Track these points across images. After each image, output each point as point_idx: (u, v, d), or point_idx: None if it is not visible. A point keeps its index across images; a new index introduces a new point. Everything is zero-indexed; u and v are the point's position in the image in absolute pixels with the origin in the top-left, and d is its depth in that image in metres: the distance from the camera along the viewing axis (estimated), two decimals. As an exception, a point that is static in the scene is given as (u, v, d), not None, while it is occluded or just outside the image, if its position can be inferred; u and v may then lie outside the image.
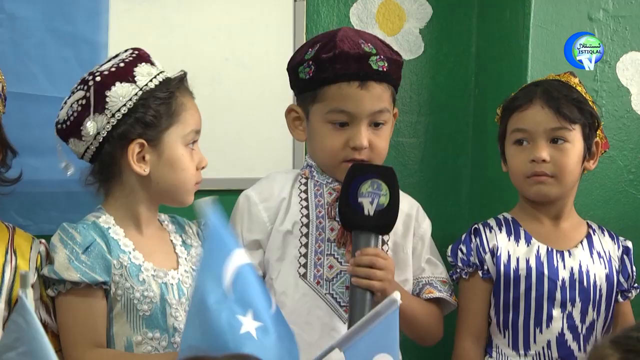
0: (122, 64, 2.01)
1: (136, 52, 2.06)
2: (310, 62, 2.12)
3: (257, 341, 1.62)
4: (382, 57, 2.13)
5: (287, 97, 2.27)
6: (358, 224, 2.04)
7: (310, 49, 2.15)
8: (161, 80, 2.03)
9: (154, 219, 2.09)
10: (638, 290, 2.39)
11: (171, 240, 2.11)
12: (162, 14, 2.63)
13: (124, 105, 1.98)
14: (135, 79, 1.99)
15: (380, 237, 2.09)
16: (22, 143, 2.35)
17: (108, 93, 1.98)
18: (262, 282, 1.74)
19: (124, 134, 1.99)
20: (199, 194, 2.64)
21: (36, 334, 1.21)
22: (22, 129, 2.36)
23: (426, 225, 2.29)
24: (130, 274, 1.97)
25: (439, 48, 2.95)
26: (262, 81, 2.70)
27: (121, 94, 1.98)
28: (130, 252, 2.00)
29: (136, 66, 2.01)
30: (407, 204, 2.26)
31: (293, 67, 2.18)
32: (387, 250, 2.19)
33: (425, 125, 2.97)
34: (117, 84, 1.98)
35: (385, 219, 2.04)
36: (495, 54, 2.87)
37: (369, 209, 2.02)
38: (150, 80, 2.01)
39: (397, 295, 1.58)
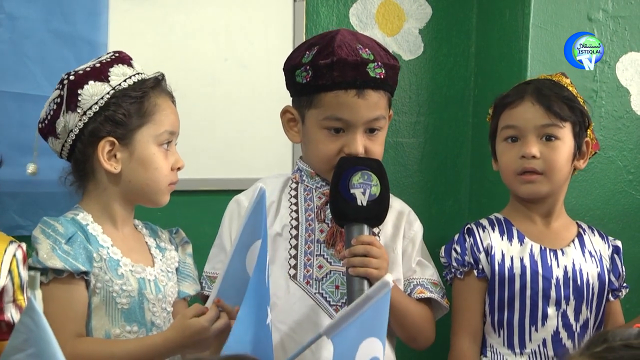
0: (98, 65, 2.04)
1: (117, 54, 2.08)
2: (308, 67, 2.12)
3: (269, 333, 1.66)
4: (379, 63, 2.12)
5: (287, 97, 2.26)
6: (351, 215, 2.04)
7: (307, 52, 2.14)
8: (136, 80, 2.04)
9: (130, 219, 2.11)
10: (628, 289, 2.40)
11: (146, 242, 2.13)
12: (162, 14, 2.63)
13: (95, 103, 2.00)
14: (109, 78, 2.01)
15: (371, 230, 2.09)
16: (21, 143, 2.35)
17: (80, 91, 2.00)
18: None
19: (94, 132, 2.01)
20: (196, 193, 2.65)
21: (45, 335, 1.21)
22: (21, 129, 2.37)
23: (417, 227, 2.28)
24: (109, 267, 1.98)
25: (438, 48, 2.95)
26: (261, 81, 2.70)
27: (93, 93, 2.00)
28: (108, 247, 2.01)
29: (112, 67, 2.03)
30: (398, 206, 2.26)
31: (290, 69, 2.18)
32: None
33: (424, 126, 2.97)
34: (90, 82, 2.01)
35: (378, 209, 2.05)
36: (494, 54, 2.87)
37: (361, 199, 2.03)
38: (124, 80, 2.02)
39: (389, 277, 1.58)
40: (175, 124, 2.08)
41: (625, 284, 2.40)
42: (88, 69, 2.03)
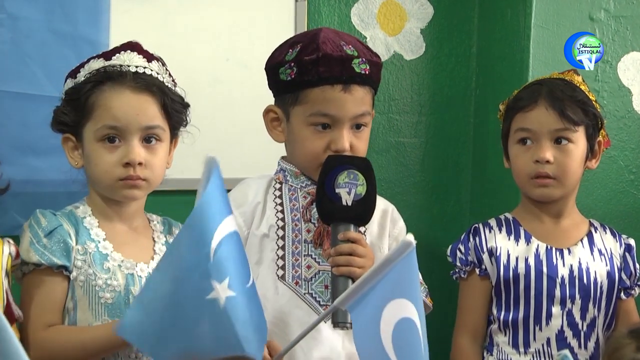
0: (84, 60, 2.05)
1: (119, 47, 2.07)
2: (292, 64, 2.11)
3: (221, 310, 1.57)
4: (364, 60, 2.12)
5: (288, 97, 2.27)
6: (336, 215, 2.03)
7: (290, 50, 2.14)
8: (89, 74, 2.01)
9: (130, 213, 2.08)
10: None
11: (153, 237, 2.11)
12: (163, 14, 2.63)
13: (62, 99, 2.03)
14: (77, 75, 2.03)
15: (357, 229, 2.08)
16: (22, 143, 2.36)
17: (63, 88, 2.05)
18: (244, 253, 1.69)
19: (59, 129, 2.04)
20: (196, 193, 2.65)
21: (5, 334, 1.21)
22: (22, 129, 2.37)
23: (401, 225, 2.28)
24: (94, 261, 1.98)
25: (440, 48, 2.96)
26: (262, 82, 2.68)
27: (64, 90, 2.03)
28: (99, 242, 2.01)
29: (89, 62, 2.03)
30: (382, 205, 2.26)
31: (272, 68, 2.17)
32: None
33: (426, 126, 2.97)
34: (68, 80, 2.04)
35: (363, 208, 2.03)
36: (496, 54, 2.87)
37: (346, 199, 2.01)
38: (85, 76, 2.02)
39: (410, 237, 1.53)
40: (120, 117, 1.98)
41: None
42: (78, 65, 2.05)
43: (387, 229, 2.24)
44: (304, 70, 2.09)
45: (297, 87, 2.12)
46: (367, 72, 2.12)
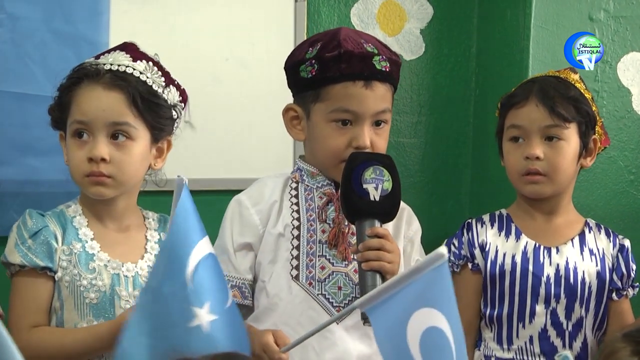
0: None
1: (118, 45, 2.07)
2: (313, 61, 2.11)
3: (205, 335, 1.59)
4: (384, 57, 2.13)
5: (288, 97, 2.26)
6: (365, 210, 2.03)
7: (310, 48, 2.14)
8: (71, 72, 2.03)
9: (119, 212, 2.07)
10: (637, 288, 2.39)
11: (146, 236, 2.11)
12: (163, 14, 2.64)
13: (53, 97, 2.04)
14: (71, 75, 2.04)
15: (381, 225, 2.08)
16: (22, 143, 2.36)
17: None
18: (222, 274, 1.71)
19: (54, 125, 2.05)
20: (196, 193, 2.64)
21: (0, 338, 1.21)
22: (22, 129, 2.37)
23: (416, 227, 2.28)
24: (79, 261, 1.98)
25: (439, 48, 2.96)
26: (262, 81, 2.70)
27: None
28: (86, 242, 2.00)
29: (84, 62, 2.04)
30: None
31: (293, 66, 2.17)
32: None
33: (426, 126, 2.97)
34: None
35: (391, 203, 2.04)
36: (496, 54, 2.87)
37: (374, 194, 2.01)
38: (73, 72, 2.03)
39: (443, 249, 1.53)
40: (87, 112, 1.97)
41: (637, 284, 2.38)
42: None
43: (402, 230, 2.24)
44: (326, 66, 2.10)
45: (319, 84, 2.11)
46: (387, 70, 2.12)
